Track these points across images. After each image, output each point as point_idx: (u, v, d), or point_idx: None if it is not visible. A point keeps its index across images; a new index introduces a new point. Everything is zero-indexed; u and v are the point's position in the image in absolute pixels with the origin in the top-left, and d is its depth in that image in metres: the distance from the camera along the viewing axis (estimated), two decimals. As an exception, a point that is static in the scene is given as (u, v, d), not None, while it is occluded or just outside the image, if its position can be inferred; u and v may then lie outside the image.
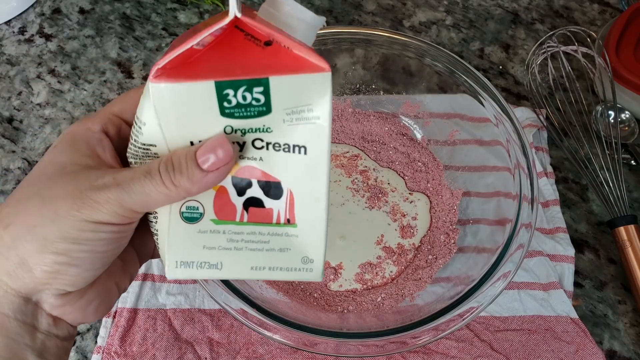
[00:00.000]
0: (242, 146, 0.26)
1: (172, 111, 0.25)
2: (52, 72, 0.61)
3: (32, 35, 0.64)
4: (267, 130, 0.25)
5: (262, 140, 0.26)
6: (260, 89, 0.24)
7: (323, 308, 0.47)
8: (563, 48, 0.55)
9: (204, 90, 0.24)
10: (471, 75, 0.49)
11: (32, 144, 0.57)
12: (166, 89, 0.24)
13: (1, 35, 0.63)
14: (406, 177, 0.54)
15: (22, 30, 0.64)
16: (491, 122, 0.49)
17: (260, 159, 0.26)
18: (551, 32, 0.58)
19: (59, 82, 0.60)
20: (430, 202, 0.53)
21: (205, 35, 0.23)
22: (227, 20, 0.23)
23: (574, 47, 0.55)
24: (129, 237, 0.27)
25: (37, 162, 0.55)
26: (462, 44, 0.65)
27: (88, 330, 0.47)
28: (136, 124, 0.26)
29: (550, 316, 0.48)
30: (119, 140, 0.28)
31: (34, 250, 0.24)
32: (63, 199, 0.24)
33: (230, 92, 0.24)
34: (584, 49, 0.55)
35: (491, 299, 0.40)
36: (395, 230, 0.51)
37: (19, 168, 0.55)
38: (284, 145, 0.26)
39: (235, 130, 0.25)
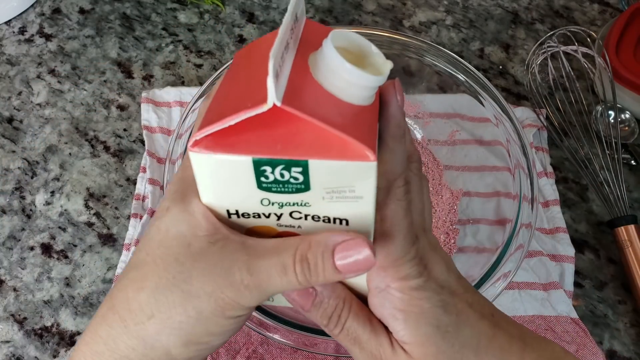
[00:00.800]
0: (279, 216, 0.25)
1: (209, 179, 0.24)
2: (52, 72, 0.61)
3: (32, 35, 0.64)
4: (305, 205, 0.25)
5: (300, 212, 0.25)
6: (299, 169, 0.23)
7: (323, 308, 0.47)
8: (563, 48, 0.55)
9: (241, 164, 0.23)
10: (471, 75, 0.49)
11: (32, 144, 0.57)
12: (203, 158, 0.23)
13: (1, 35, 0.63)
14: (406, 177, 0.54)
15: (22, 30, 0.64)
16: (491, 122, 0.49)
17: (299, 226, 0.26)
18: (551, 32, 0.58)
19: (59, 82, 0.61)
20: (431, 202, 0.53)
21: (243, 118, 0.22)
22: (264, 108, 0.21)
23: (574, 47, 0.55)
24: None
25: (37, 162, 0.56)
26: (462, 44, 0.65)
27: (88, 330, 0.47)
28: None
29: (551, 316, 0.48)
30: None
31: (179, 344, 0.25)
32: (205, 300, 0.24)
33: (268, 168, 0.23)
34: (584, 49, 0.55)
35: (491, 299, 0.40)
36: (395, 230, 0.51)
37: (19, 168, 0.55)
38: (323, 217, 0.25)
39: (272, 203, 0.25)
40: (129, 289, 0.25)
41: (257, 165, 0.23)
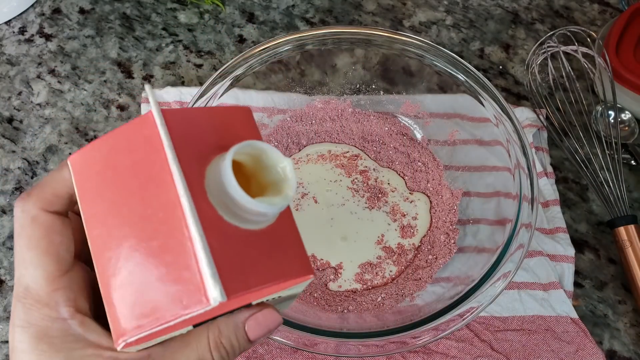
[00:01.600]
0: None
1: (146, 345, 0.24)
2: (52, 72, 0.61)
3: (32, 35, 0.64)
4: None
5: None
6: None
7: (323, 308, 0.47)
8: (563, 48, 0.55)
9: (180, 332, 0.24)
10: (471, 75, 0.49)
11: (32, 144, 0.57)
12: (140, 346, 0.23)
13: (1, 35, 0.63)
14: (406, 177, 0.54)
15: (22, 30, 0.64)
16: (491, 122, 0.49)
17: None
18: (551, 32, 0.58)
19: (59, 82, 0.60)
20: (430, 202, 0.53)
21: (183, 319, 0.21)
22: (209, 307, 0.21)
23: (574, 47, 0.55)
24: None
25: (37, 162, 0.56)
26: (462, 44, 0.65)
27: (88, 330, 0.47)
28: None
29: (551, 316, 0.48)
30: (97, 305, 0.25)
31: None
32: None
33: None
34: (584, 49, 0.55)
35: (491, 299, 0.40)
36: (395, 230, 0.51)
37: (19, 168, 0.55)
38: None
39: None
40: None
41: (196, 325, 0.24)
